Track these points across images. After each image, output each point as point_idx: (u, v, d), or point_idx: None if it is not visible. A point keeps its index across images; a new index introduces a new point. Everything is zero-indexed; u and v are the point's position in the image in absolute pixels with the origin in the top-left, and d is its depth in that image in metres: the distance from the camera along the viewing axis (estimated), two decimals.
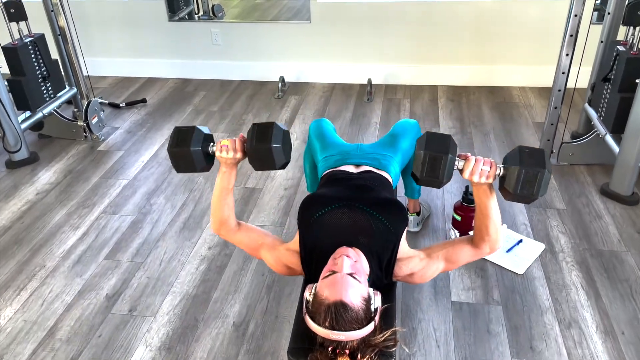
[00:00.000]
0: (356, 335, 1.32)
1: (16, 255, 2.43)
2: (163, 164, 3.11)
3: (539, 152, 1.39)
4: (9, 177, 3.06)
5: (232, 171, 1.60)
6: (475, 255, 1.58)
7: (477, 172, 1.40)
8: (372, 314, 1.37)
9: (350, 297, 1.32)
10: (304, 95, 3.93)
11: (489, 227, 1.52)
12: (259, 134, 1.50)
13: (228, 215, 1.64)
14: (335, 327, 1.31)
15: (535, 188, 1.35)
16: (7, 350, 1.95)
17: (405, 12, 3.77)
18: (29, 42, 3.09)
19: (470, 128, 3.35)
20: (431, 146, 1.39)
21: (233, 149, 1.53)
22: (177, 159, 1.54)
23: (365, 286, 1.39)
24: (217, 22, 4.17)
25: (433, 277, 1.59)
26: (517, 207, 2.59)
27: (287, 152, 1.55)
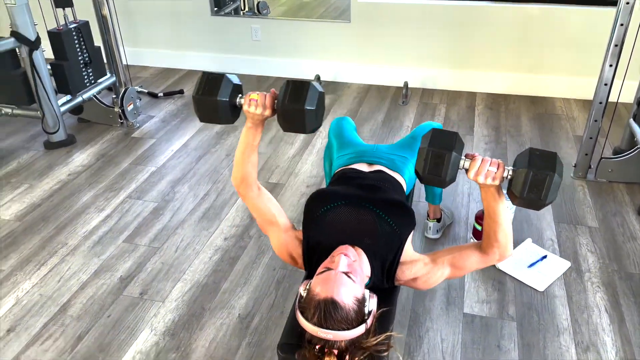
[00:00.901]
0: (345, 336, 1.28)
1: (42, 232, 2.51)
2: (191, 154, 3.15)
3: (550, 155, 1.31)
4: (45, 157, 3.17)
5: (259, 128, 1.51)
6: (484, 262, 1.50)
7: (482, 173, 1.33)
8: (364, 316, 1.33)
9: (341, 296, 1.28)
10: (339, 94, 3.90)
11: (497, 233, 1.44)
12: (292, 92, 1.39)
13: (250, 173, 1.56)
14: (323, 325, 1.27)
15: (543, 192, 1.27)
16: (21, 322, 2.01)
17: (447, 14, 3.68)
18: (73, 28, 3.20)
19: (505, 137, 3.23)
20: (435, 142, 1.33)
21: (262, 105, 1.44)
22: (201, 108, 1.46)
23: (361, 287, 1.35)
24: (257, 18, 4.20)
25: (437, 283, 1.52)
26: (545, 222, 2.47)
27: (320, 116, 1.45)
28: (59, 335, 1.95)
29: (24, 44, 2.92)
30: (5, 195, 2.80)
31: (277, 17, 4.23)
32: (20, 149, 3.26)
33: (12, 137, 3.41)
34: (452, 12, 3.67)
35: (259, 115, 1.46)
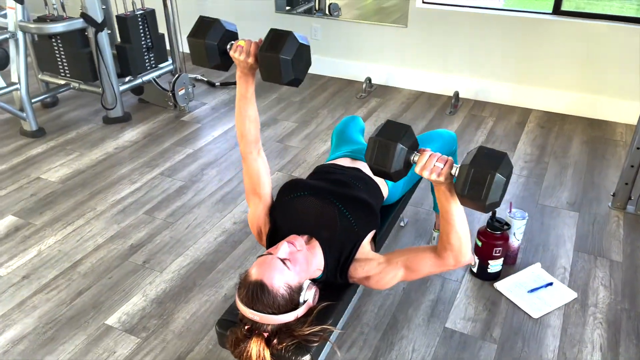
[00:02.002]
0: (271, 320, 1.31)
1: (77, 195, 2.75)
2: (229, 142, 3.28)
3: (499, 154, 1.24)
4: (101, 130, 3.45)
5: (248, 77, 1.51)
6: (438, 265, 1.45)
7: (428, 168, 1.29)
8: (296, 304, 1.34)
9: (271, 280, 1.31)
10: (387, 99, 3.88)
11: (450, 235, 1.39)
12: (272, 40, 1.41)
13: (249, 129, 1.56)
14: (250, 306, 1.31)
15: (484, 191, 1.21)
16: (35, 271, 2.23)
17: (508, 25, 3.54)
18: (139, 14, 3.45)
19: (548, 158, 3.05)
20: (384, 133, 1.31)
21: (246, 52, 1.45)
22: (192, 49, 1.50)
23: (298, 276, 1.36)
24: (319, 17, 4.27)
25: (391, 284, 1.50)
26: (564, 249, 2.32)
27: (298, 68, 1.43)
28: (63, 288, 2.14)
29: (91, 25, 3.20)
30: (58, 160, 3.09)
31: (343, 19, 4.28)
32: (82, 121, 3.57)
33: (79, 109, 3.75)
34: (513, 23, 3.52)
35: (243, 61, 1.46)
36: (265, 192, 1.61)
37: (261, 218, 1.59)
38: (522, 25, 3.51)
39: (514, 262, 2.24)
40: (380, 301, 2.06)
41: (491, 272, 2.13)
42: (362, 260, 1.50)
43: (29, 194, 2.77)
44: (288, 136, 3.34)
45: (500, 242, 2.07)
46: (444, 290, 2.11)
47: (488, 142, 3.23)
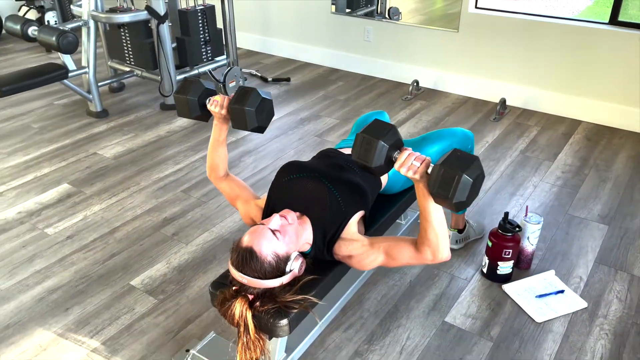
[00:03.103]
0: (257, 284, 1.42)
1: (126, 171, 3.00)
2: (271, 133, 3.44)
3: (470, 157, 1.29)
4: (157, 115, 3.72)
5: (222, 126, 1.77)
6: (416, 258, 1.50)
7: (406, 165, 1.36)
8: (282, 272, 1.45)
9: (260, 247, 1.42)
10: (432, 102, 3.89)
11: (427, 231, 1.44)
12: (239, 95, 1.67)
13: (217, 165, 1.83)
14: (239, 269, 1.43)
15: (451, 191, 1.26)
16: (78, 233, 2.47)
17: (561, 34, 3.46)
18: (200, 9, 3.69)
19: (589, 170, 2.96)
20: (369, 131, 1.39)
21: (220, 105, 1.72)
22: (177, 103, 1.78)
23: (286, 247, 1.46)
24: (371, 19, 4.35)
25: (371, 266, 1.57)
26: (584, 259, 2.26)
27: (261, 118, 1.69)
28: (99, 250, 2.36)
29: (154, 17, 3.47)
30: (115, 139, 3.37)
31: (395, 22, 4.33)
32: (142, 106, 3.86)
33: (141, 95, 4.05)
34: (566, 32, 3.44)
35: (217, 113, 1.73)
36: (243, 194, 1.81)
37: (251, 210, 1.76)
38: (577, 35, 3.42)
39: (528, 267, 2.22)
40: (385, 290, 2.12)
41: (500, 274, 2.13)
42: (347, 239, 1.58)
43: (85, 166, 3.05)
44: (327, 132, 3.45)
45: (511, 244, 2.07)
46: (450, 287, 2.14)
47: (527, 151, 3.18)
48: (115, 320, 1.98)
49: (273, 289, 1.45)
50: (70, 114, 3.74)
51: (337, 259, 1.61)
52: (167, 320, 1.98)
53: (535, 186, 2.82)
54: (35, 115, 3.72)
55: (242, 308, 1.43)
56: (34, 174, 2.97)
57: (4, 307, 2.05)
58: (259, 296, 1.46)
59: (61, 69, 3.34)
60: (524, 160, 3.08)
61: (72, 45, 3.16)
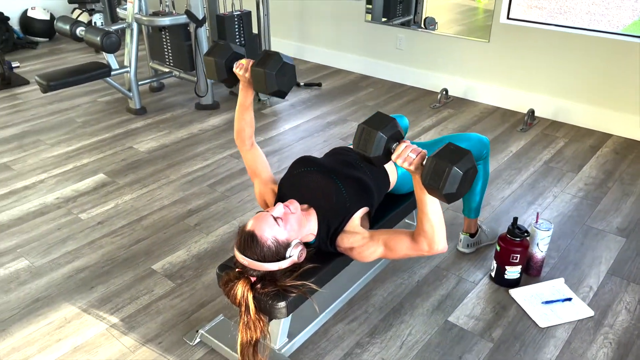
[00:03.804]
0: (257, 266, 1.52)
1: (157, 165, 3.16)
2: (297, 135, 3.55)
3: (462, 152, 1.34)
4: (192, 114, 3.89)
5: (248, 90, 1.81)
6: (413, 249, 1.56)
7: (402, 157, 1.43)
8: (282, 257, 1.54)
9: (261, 232, 1.52)
10: (460, 111, 3.91)
11: (423, 222, 1.50)
12: (262, 59, 1.70)
13: (243, 129, 1.86)
14: (241, 251, 1.53)
15: (441, 182, 1.32)
16: (109, 219, 2.64)
17: (593, 47, 3.43)
18: (236, 15, 3.85)
19: (612, 184, 2.93)
20: (370, 122, 1.46)
21: (245, 68, 1.76)
22: (206, 65, 1.82)
23: (288, 234, 1.55)
24: (404, 28, 4.41)
25: (371, 258, 1.63)
26: (596, 269, 2.26)
27: (282, 82, 1.70)
28: (126, 236, 2.51)
29: (192, 21, 3.65)
30: (151, 134, 3.56)
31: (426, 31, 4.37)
32: (178, 105, 4.05)
33: (178, 95, 4.25)
34: (600, 44, 3.41)
35: (242, 76, 1.78)
36: (264, 175, 1.87)
37: (266, 193, 1.84)
38: (610, 47, 3.38)
39: (538, 274, 2.23)
40: (392, 288, 2.17)
41: (508, 279, 2.15)
42: (349, 232, 1.66)
43: (121, 158, 3.24)
44: (352, 135, 3.53)
45: (519, 249, 2.09)
46: (457, 288, 2.17)
47: (552, 162, 3.17)
48: (134, 300, 2.12)
49: (274, 272, 1.54)
50: (112, 110, 3.96)
51: (339, 250, 1.68)
52: (182, 303, 2.10)
53: (555, 196, 2.81)
54: (81, 110, 3.96)
55: (244, 289, 1.52)
56: (73, 164, 3.17)
57: (36, 282, 2.22)
58: (260, 279, 1.55)
59: (104, 68, 3.55)
60: (547, 170, 3.07)
61: (115, 45, 3.37)
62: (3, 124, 3.72)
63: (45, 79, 3.32)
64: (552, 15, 8.34)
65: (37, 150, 3.35)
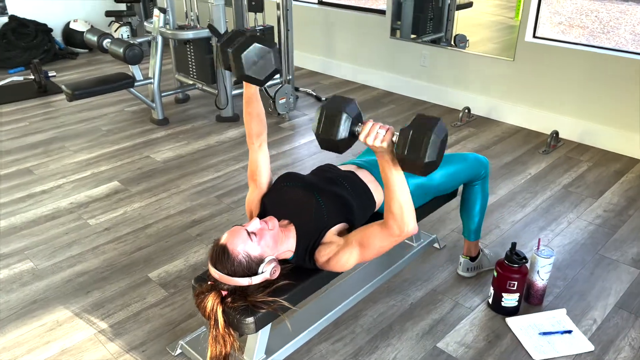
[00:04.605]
0: (227, 280, 1.51)
1: (170, 174, 3.22)
2: (310, 150, 3.54)
3: (434, 119, 1.34)
4: (212, 126, 3.96)
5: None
6: (386, 235, 1.53)
7: (372, 135, 1.39)
8: (254, 273, 1.52)
9: (233, 246, 1.51)
10: (482, 130, 3.82)
11: (391, 205, 1.48)
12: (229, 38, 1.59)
13: (249, 123, 1.77)
14: (213, 264, 1.53)
15: (422, 151, 1.30)
16: (115, 226, 2.69)
17: (623, 68, 3.28)
18: (258, 30, 3.91)
19: (633, 211, 2.77)
20: (330, 104, 1.44)
21: None
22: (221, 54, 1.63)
23: (260, 249, 1.54)
24: (428, 45, 4.36)
25: (349, 264, 1.59)
26: (603, 301, 2.13)
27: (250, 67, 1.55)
28: (129, 243, 2.56)
29: (215, 35, 3.71)
30: (169, 144, 3.63)
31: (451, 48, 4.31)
32: (200, 117, 4.13)
33: (201, 107, 4.33)
34: (629, 65, 3.27)
35: None
36: (262, 180, 1.81)
37: (254, 202, 1.80)
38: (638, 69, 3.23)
39: (539, 303, 2.13)
40: (384, 309, 2.12)
41: (505, 306, 2.06)
42: (326, 243, 1.63)
43: (137, 167, 3.32)
44: None
45: (517, 276, 2.00)
46: (452, 314, 2.10)
47: (571, 186, 3.04)
48: (126, 307, 2.14)
49: (245, 288, 1.53)
50: (136, 120, 4.08)
51: (319, 265, 1.65)
52: (172, 312, 2.11)
53: (569, 222, 2.69)
54: (107, 119, 4.10)
55: (213, 302, 1.52)
56: (91, 171, 3.27)
57: (37, 284, 2.28)
58: (230, 293, 1.54)
59: (128, 79, 3.67)
60: (565, 195, 2.95)
61: (137, 57, 3.48)
62: (34, 130, 3.89)
63: (71, 88, 3.45)
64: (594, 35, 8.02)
65: (60, 156, 3.48)
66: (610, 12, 8.82)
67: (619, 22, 8.44)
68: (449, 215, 2.75)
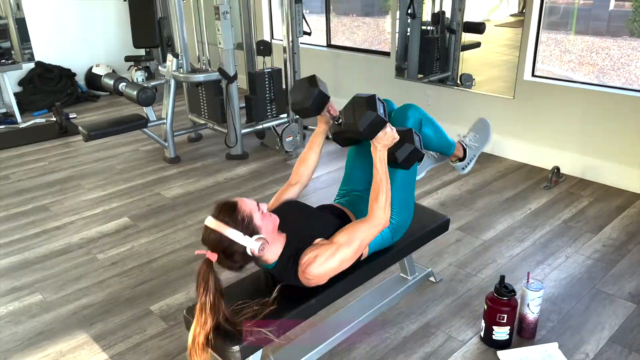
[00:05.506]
0: (222, 229, 1.61)
1: (178, 210, 3.34)
2: (317, 185, 3.63)
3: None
4: (221, 164, 4.09)
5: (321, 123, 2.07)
6: (369, 224, 1.76)
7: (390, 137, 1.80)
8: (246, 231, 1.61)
9: (244, 204, 1.65)
10: (485, 166, 3.87)
11: (379, 194, 1.78)
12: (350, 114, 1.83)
13: (301, 169, 2.08)
14: (215, 215, 1.63)
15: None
16: (122, 260, 2.80)
17: (621, 105, 3.34)
18: (267, 72, 4.08)
19: (632, 247, 2.77)
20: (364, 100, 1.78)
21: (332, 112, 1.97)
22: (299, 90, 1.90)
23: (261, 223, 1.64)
24: (431, 84, 4.48)
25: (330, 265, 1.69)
26: (597, 336, 2.13)
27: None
28: (134, 277, 2.65)
29: (224, 78, 3.90)
30: (179, 181, 3.77)
31: (453, 87, 4.42)
32: (210, 155, 4.27)
33: (212, 146, 4.49)
34: (626, 102, 3.32)
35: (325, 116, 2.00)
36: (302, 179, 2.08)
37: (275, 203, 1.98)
38: (636, 106, 3.28)
39: (532, 337, 2.14)
40: (377, 342, 2.15)
41: (496, 339, 2.07)
42: (313, 245, 1.73)
43: (146, 204, 3.45)
44: None
45: (506, 309, 2.02)
46: (444, 347, 2.12)
47: (572, 220, 3.05)
48: (127, 339, 2.22)
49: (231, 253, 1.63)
50: (150, 158, 4.24)
51: (300, 272, 1.70)
52: (170, 344, 2.18)
53: (567, 257, 2.70)
54: (122, 158, 4.27)
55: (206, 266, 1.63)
56: (103, 207, 3.41)
57: (44, 315, 2.38)
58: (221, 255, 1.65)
59: (142, 119, 3.85)
60: (564, 230, 2.96)
61: (150, 100, 3.66)
62: (52, 169, 4.07)
63: (87, 129, 3.64)
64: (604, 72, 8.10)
65: (75, 193, 3.63)
66: (621, 49, 8.88)
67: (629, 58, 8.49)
68: (447, 249, 2.79)
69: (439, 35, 4.88)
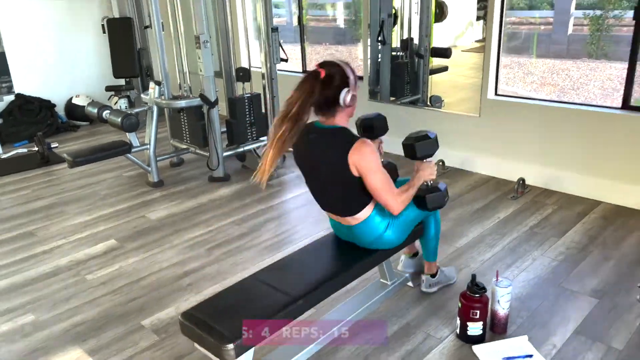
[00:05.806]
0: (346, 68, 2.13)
1: (164, 231, 3.44)
2: (297, 203, 3.78)
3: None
4: (204, 186, 4.22)
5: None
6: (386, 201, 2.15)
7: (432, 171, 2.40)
8: (344, 81, 2.13)
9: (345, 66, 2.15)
10: (455, 180, 4.08)
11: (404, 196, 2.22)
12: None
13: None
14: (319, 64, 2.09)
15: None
16: (111, 280, 2.88)
17: (577, 119, 3.60)
18: (246, 97, 4.26)
19: (593, 248, 2.99)
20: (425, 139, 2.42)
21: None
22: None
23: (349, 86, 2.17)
24: (402, 106, 4.71)
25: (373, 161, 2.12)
26: (563, 329, 2.31)
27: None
28: (124, 294, 2.74)
29: (206, 103, 4.06)
30: (163, 205, 3.88)
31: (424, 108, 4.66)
32: (192, 179, 4.40)
33: (195, 169, 4.61)
34: (581, 116, 3.58)
35: None
36: None
37: None
38: (592, 119, 3.54)
39: (503, 332, 2.30)
40: (361, 342, 2.28)
41: (471, 335, 2.23)
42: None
43: (132, 226, 3.54)
44: None
45: (478, 305, 2.19)
46: (424, 344, 2.26)
47: (537, 227, 3.26)
48: (120, 352, 2.31)
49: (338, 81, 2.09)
50: (134, 183, 4.34)
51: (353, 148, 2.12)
52: (162, 355, 2.27)
53: (534, 259, 2.89)
54: (105, 184, 4.36)
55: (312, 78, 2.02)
56: (90, 231, 3.49)
57: (38, 334, 2.45)
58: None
59: (125, 145, 3.96)
60: (531, 235, 3.17)
61: (134, 126, 3.79)
62: (36, 197, 4.14)
63: (72, 156, 3.73)
64: (565, 92, 8.48)
65: (60, 219, 3.71)
66: (580, 70, 9.35)
67: (588, 78, 8.91)
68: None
69: (409, 60, 5.16)
